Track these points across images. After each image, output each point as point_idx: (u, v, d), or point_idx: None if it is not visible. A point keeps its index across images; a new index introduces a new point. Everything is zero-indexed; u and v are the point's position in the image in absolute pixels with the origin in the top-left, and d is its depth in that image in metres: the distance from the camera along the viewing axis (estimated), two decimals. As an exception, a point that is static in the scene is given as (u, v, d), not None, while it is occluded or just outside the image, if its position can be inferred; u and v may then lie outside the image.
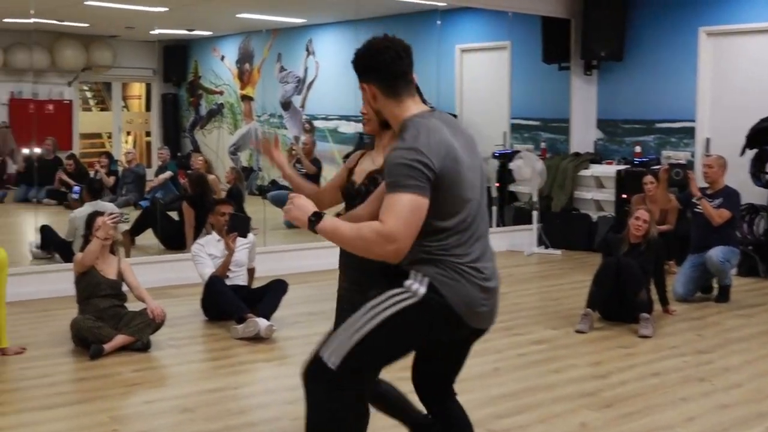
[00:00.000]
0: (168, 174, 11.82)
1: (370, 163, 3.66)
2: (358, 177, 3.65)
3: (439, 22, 11.15)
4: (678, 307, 7.37)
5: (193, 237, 9.03)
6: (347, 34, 12.65)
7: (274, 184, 13.09)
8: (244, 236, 6.76)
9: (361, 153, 3.79)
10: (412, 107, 2.98)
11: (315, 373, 2.92)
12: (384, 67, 2.98)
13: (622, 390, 5.20)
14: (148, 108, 15.61)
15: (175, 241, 9.36)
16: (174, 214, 9.96)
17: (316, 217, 2.84)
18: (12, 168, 13.08)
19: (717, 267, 7.65)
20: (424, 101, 3.07)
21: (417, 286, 2.89)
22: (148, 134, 15.57)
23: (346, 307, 3.44)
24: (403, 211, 2.74)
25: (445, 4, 10.85)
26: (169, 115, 15.26)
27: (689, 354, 6.05)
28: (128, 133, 15.64)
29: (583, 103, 11.30)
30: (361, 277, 3.44)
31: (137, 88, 16.03)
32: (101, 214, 6.13)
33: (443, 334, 3.03)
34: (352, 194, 3.62)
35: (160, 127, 15.22)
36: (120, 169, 12.32)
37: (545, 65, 11.28)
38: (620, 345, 6.24)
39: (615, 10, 10.77)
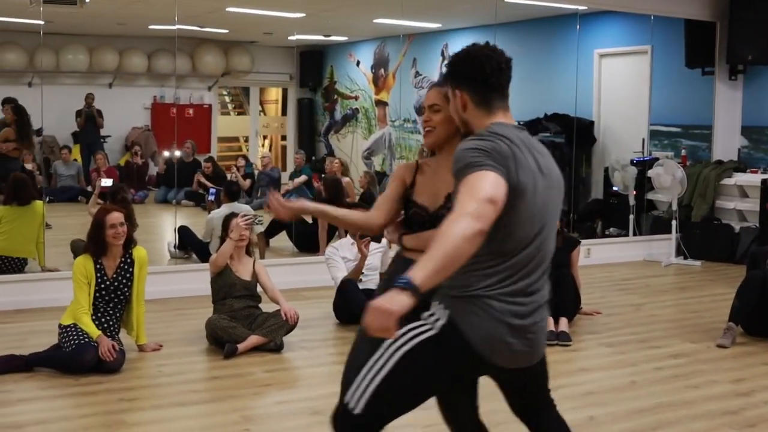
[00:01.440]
0: (303, 178, 11.97)
1: (436, 182, 3.29)
2: (428, 200, 3.29)
3: (578, 27, 10.93)
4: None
5: (327, 240, 9.11)
6: (483, 39, 12.48)
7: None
8: (378, 241, 6.75)
9: (414, 165, 3.40)
10: (503, 120, 2.82)
11: (341, 419, 2.75)
12: (483, 76, 2.82)
13: (767, 410, 4.95)
14: (284, 112, 15.86)
15: (308, 243, 9.45)
16: (308, 217, 10.05)
17: (408, 286, 2.38)
18: (153, 170, 13.49)
19: None
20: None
21: (435, 318, 2.71)
22: (283, 138, 15.81)
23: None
24: (486, 184, 2.52)
25: (585, 7, 10.63)
26: (305, 120, 15.47)
27: (840, 374, 5.73)
28: (264, 137, 15.93)
29: (727, 109, 10.90)
30: None
31: (274, 93, 16.31)
32: (237, 215, 6.22)
33: (466, 371, 2.82)
34: (424, 220, 3.26)
35: (295, 132, 15.44)
36: (256, 172, 12.54)
37: (688, 70, 10.93)
38: (765, 362, 5.96)
39: (763, 11, 10.33)
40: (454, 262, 2.43)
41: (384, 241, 7.06)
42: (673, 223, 10.14)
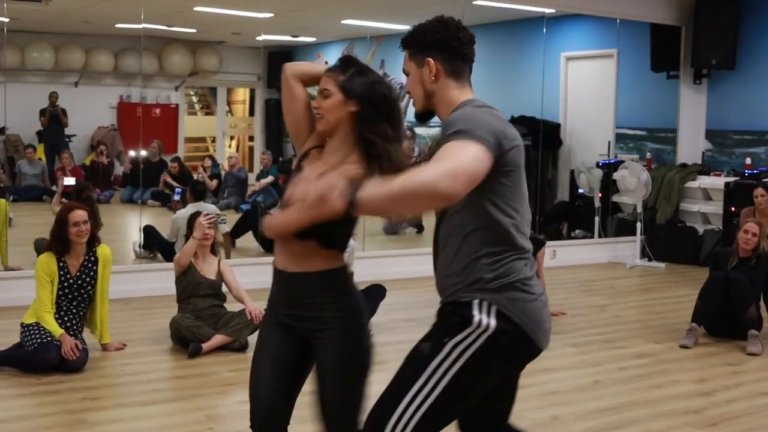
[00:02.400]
0: (269, 179, 11.94)
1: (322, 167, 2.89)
2: None
3: (545, 30, 10.98)
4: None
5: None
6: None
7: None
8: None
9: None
10: (471, 95, 2.73)
11: None
12: (458, 45, 2.72)
13: (728, 409, 5.01)
14: (251, 113, 15.80)
15: (274, 244, 9.39)
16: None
17: (351, 196, 2.34)
18: (119, 170, 13.39)
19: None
20: None
21: (482, 321, 2.59)
22: (251, 139, 15.75)
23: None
24: (467, 156, 2.39)
25: (552, 10, 10.69)
26: (272, 121, 15.42)
27: (801, 374, 5.80)
28: (231, 138, 15.86)
29: (692, 113, 11.01)
30: None
31: (241, 93, 16.24)
32: (201, 214, 6.19)
33: (522, 363, 2.75)
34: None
35: (263, 132, 15.38)
36: (222, 172, 12.49)
37: (653, 73, 11.03)
38: (727, 362, 6.02)
39: (728, 16, 10.45)
40: (405, 203, 2.36)
41: (351, 242, 7.03)
42: (638, 225, 10.21)
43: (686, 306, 6.99)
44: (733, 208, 9.76)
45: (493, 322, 2.57)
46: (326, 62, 14.85)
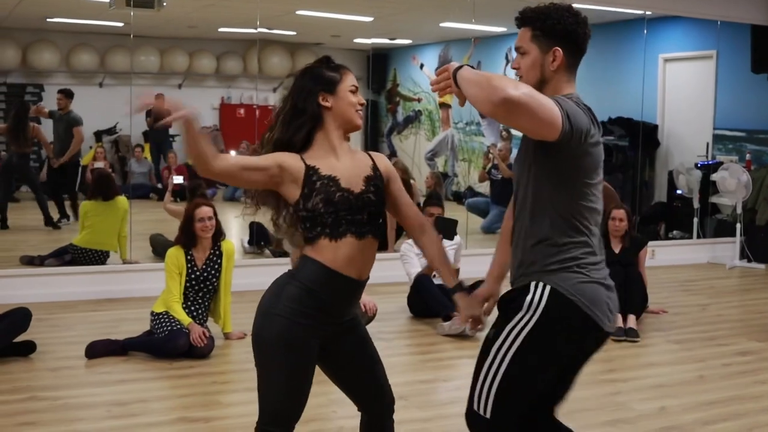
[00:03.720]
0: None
1: (340, 164, 3.02)
2: (351, 183, 3.00)
3: (645, 31, 11.04)
4: None
5: (395, 239, 9.36)
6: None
7: (470, 190, 13.28)
8: (450, 238, 6.95)
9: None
10: (575, 90, 2.87)
11: (474, 424, 2.90)
12: (583, 41, 2.85)
13: (835, 404, 5.11)
14: (348, 114, 16.08)
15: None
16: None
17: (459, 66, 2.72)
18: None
19: None
20: None
21: (536, 299, 2.77)
22: (347, 139, 16.02)
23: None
24: (547, 101, 2.59)
25: (651, 12, 10.74)
26: (369, 121, 15.70)
27: None
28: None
29: (793, 115, 10.94)
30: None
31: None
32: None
33: (583, 346, 2.90)
34: (354, 206, 2.98)
35: (360, 133, 15.64)
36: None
37: (753, 75, 10.98)
38: (831, 361, 6.09)
39: (830, 18, 10.38)
40: (483, 89, 2.56)
41: (457, 238, 7.28)
42: (738, 226, 10.22)
43: (789, 306, 7.06)
44: (836, 210, 9.71)
45: (545, 299, 2.75)
46: (422, 64, 15.09)
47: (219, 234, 6.04)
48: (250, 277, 8.04)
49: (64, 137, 10.50)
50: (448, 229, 6.79)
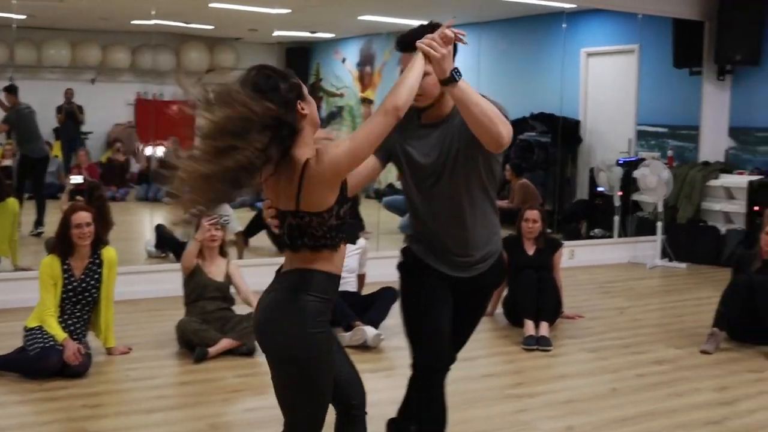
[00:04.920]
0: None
1: None
2: None
3: (564, 25, 10.81)
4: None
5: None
6: (469, 37, 12.46)
7: (390, 187, 12.98)
8: (353, 243, 6.61)
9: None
10: None
11: None
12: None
13: (751, 420, 4.82)
14: (269, 109, 15.70)
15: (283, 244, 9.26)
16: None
17: (457, 73, 3.05)
18: (135, 167, 13.32)
19: None
20: None
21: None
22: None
23: None
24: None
25: (572, 5, 10.51)
26: (290, 117, 15.34)
27: (827, 382, 5.61)
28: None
29: (715, 110, 10.80)
30: None
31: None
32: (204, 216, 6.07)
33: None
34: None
35: (281, 130, 15.29)
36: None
37: (675, 70, 10.83)
38: (750, 369, 5.83)
39: (752, 11, 10.22)
40: (480, 116, 3.07)
41: (361, 242, 6.92)
42: (659, 224, 10.03)
43: (707, 309, 6.80)
44: (756, 208, 9.59)
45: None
46: (344, 59, 14.76)
47: (99, 241, 5.58)
48: (149, 284, 7.62)
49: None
50: (349, 234, 6.42)
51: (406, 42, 3.11)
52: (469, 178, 3.31)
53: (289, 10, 11.58)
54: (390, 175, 13.37)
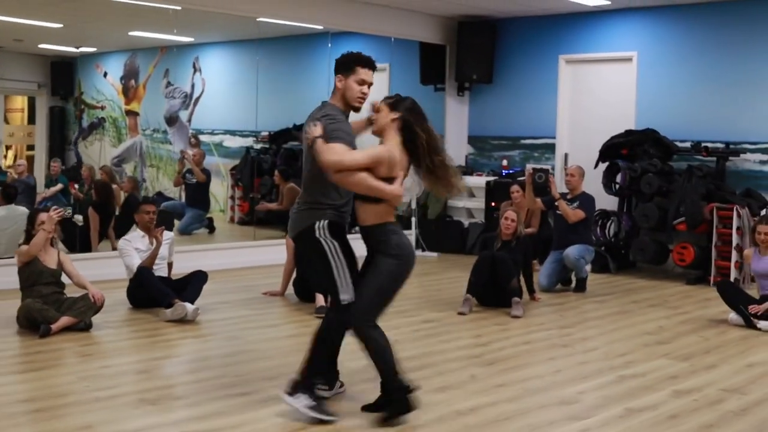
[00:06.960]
0: (59, 186, 12.31)
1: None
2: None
3: (330, 44, 11.98)
4: (542, 296, 8.55)
5: (98, 240, 9.73)
6: (242, 53, 13.34)
7: (159, 195, 13.62)
8: (170, 230, 7.51)
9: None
10: None
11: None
12: None
13: (501, 353, 6.30)
14: (30, 121, 15.73)
15: (73, 244, 9.94)
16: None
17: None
18: None
19: (572, 262, 8.84)
20: None
21: None
22: (30, 148, 15.63)
23: None
24: None
25: (334, 28, 11.68)
26: (56, 128, 15.50)
27: (554, 329, 7.22)
28: (8, 147, 15.71)
29: (456, 121, 12.50)
30: None
31: (19, 101, 16.03)
32: (41, 211, 6.82)
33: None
34: None
35: (46, 140, 15.36)
36: (8, 179, 12.59)
37: (422, 86, 12.37)
38: (496, 323, 7.35)
39: (486, 38, 12.04)
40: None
41: (170, 234, 7.86)
42: (413, 220, 11.51)
43: (459, 284, 8.26)
44: (493, 203, 11.27)
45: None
46: (105, 72, 15.16)
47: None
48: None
49: None
50: (167, 221, 7.36)
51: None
52: None
53: (62, 25, 11.96)
54: (158, 183, 14.05)
